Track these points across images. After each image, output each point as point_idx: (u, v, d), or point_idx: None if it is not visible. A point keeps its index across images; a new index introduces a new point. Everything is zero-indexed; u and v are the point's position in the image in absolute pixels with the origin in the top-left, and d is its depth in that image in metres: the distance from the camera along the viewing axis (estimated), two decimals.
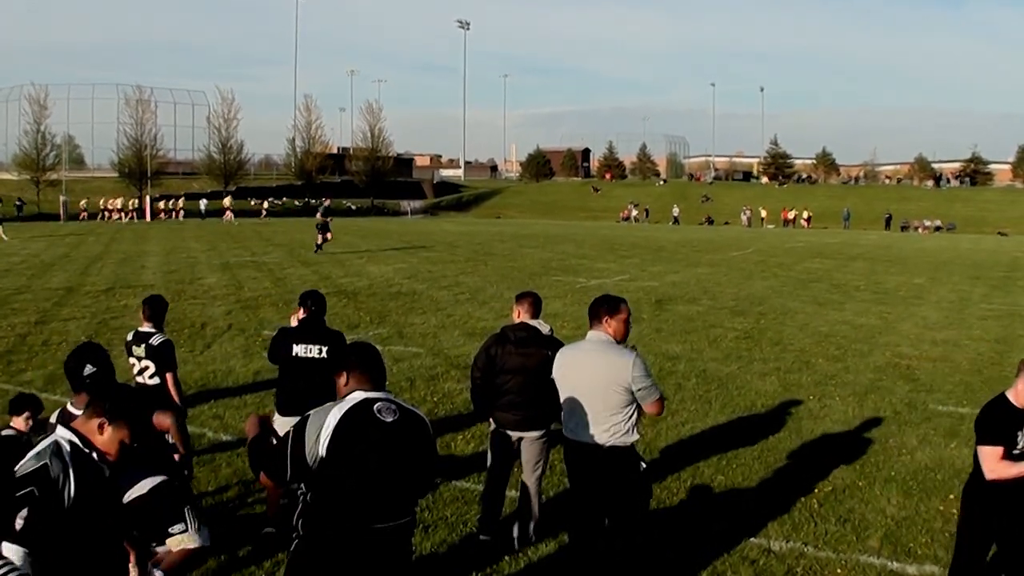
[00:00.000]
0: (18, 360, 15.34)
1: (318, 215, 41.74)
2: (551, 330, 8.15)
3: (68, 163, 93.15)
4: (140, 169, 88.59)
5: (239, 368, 14.94)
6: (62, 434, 4.51)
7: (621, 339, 6.83)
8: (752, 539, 8.23)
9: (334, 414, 4.98)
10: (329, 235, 40.15)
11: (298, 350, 8.29)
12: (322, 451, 4.81)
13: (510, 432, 8.08)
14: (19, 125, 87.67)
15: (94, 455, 4.50)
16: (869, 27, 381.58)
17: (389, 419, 5.05)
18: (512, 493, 8.50)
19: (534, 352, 7.97)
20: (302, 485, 4.89)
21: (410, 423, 5.15)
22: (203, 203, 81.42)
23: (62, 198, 75.27)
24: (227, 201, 76.58)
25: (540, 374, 7.92)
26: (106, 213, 73.07)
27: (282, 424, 8.12)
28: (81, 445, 4.49)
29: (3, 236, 47.96)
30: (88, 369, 5.92)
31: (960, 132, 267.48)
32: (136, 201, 79.04)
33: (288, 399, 8.32)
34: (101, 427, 4.52)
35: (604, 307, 6.85)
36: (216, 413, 12.20)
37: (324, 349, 8.23)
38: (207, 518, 6.94)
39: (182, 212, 77.96)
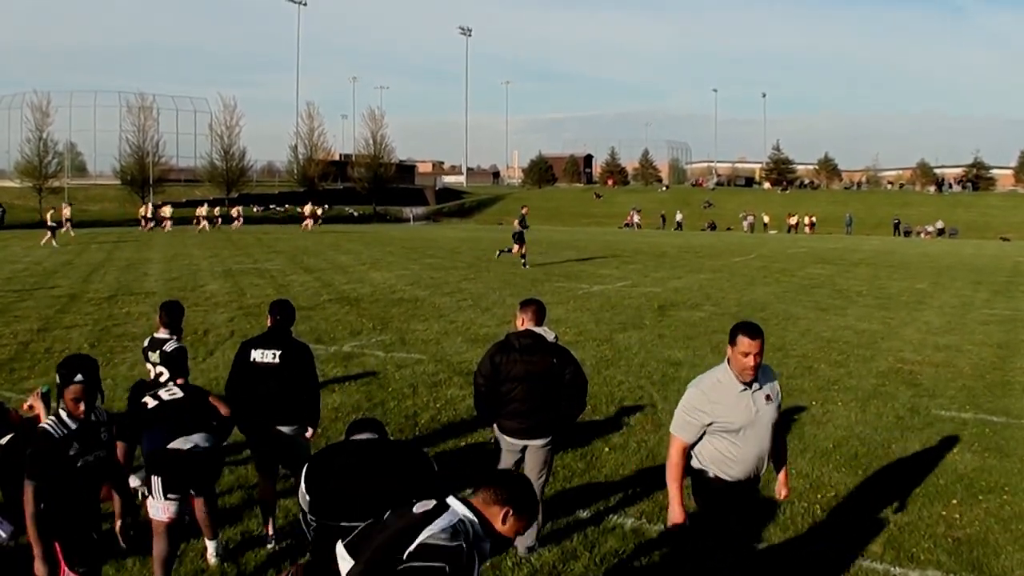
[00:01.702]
0: (20, 368, 15.34)
1: (516, 223, 39.32)
2: (556, 337, 8.16)
3: (70, 171, 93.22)
4: (142, 176, 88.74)
5: None
6: (465, 513, 4.19)
7: (739, 372, 6.33)
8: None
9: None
10: (521, 247, 38.05)
11: (255, 355, 8.30)
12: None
13: (515, 440, 8.09)
14: (21, 132, 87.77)
15: (486, 543, 4.22)
16: (872, 33, 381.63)
17: (363, 436, 5.33)
18: None
19: (539, 360, 7.94)
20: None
21: (394, 443, 5.41)
22: (236, 210, 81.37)
23: (64, 205, 75.25)
24: (307, 208, 75.38)
25: (545, 381, 7.94)
26: (162, 222, 71.31)
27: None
28: (480, 530, 4.19)
29: (53, 243, 48.03)
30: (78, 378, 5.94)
31: (963, 137, 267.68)
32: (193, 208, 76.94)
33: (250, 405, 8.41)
34: (505, 517, 4.22)
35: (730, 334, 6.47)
36: None
37: (278, 354, 8.22)
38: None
39: (241, 220, 76.21)
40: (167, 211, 72.24)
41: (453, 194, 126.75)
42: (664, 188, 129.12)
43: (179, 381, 8.90)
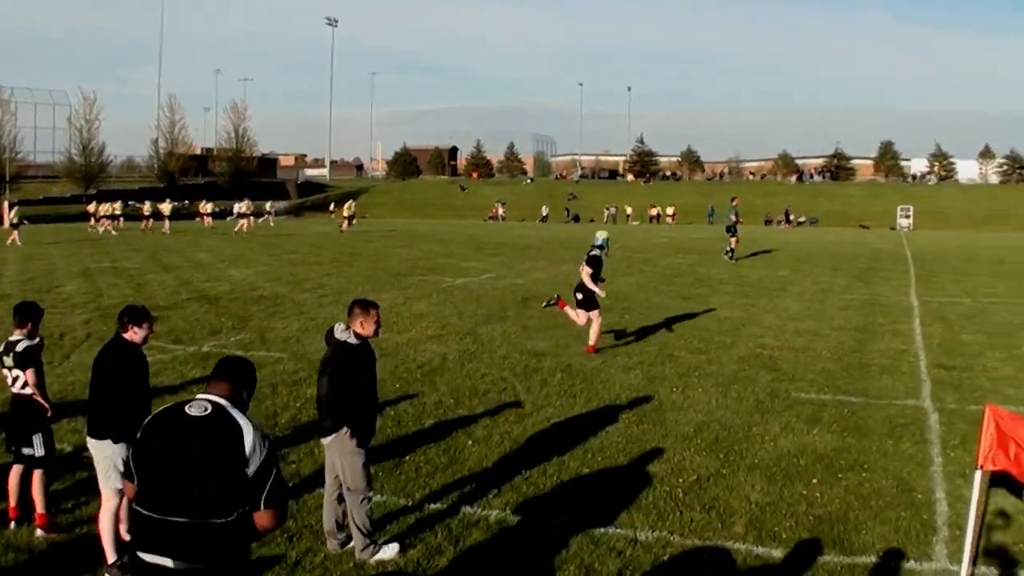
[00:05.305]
0: None
1: (732, 216, 38.65)
2: (344, 332, 7.87)
3: None
4: None
5: None
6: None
7: None
8: (618, 530, 8.23)
9: None
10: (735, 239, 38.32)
11: None
12: None
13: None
14: None
15: None
16: (733, 26, 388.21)
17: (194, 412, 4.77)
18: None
19: (327, 355, 7.94)
20: None
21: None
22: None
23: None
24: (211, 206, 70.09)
25: (325, 379, 7.85)
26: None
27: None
28: None
29: (17, 242, 45.80)
30: None
31: (824, 128, 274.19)
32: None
33: None
34: None
35: None
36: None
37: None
38: None
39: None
40: (166, 208, 66.63)
41: (316, 187, 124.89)
42: (529, 181, 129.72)
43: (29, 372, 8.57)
